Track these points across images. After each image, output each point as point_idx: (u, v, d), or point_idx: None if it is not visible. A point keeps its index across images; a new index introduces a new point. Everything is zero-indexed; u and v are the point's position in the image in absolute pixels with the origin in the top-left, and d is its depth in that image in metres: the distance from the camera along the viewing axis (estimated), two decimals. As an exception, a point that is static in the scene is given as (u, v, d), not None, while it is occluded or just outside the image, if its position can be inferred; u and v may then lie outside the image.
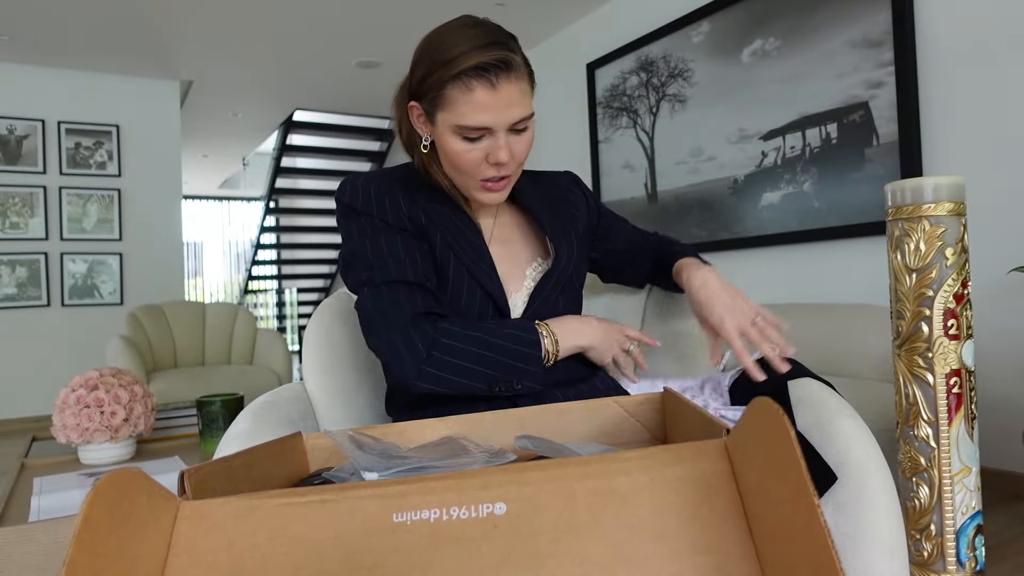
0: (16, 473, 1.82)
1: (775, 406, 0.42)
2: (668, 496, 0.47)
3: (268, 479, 0.69)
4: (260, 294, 8.46)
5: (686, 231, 3.47)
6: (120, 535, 0.45)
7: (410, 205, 0.98)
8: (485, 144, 0.90)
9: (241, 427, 0.95)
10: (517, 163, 0.93)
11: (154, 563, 0.47)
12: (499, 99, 0.86)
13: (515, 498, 0.48)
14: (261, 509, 0.49)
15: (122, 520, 0.45)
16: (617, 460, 0.49)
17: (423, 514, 0.48)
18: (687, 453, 0.49)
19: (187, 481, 0.55)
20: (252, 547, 0.48)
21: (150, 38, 4.25)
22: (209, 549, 0.48)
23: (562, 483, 0.48)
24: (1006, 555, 1.80)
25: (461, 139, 0.90)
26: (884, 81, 2.60)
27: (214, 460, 0.61)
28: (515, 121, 0.88)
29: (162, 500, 0.49)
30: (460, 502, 0.48)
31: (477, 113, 0.86)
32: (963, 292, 0.96)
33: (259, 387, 3.86)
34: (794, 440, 0.40)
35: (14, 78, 4.59)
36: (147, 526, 0.47)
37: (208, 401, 2.02)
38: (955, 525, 0.94)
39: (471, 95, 0.86)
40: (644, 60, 3.72)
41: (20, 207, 4.59)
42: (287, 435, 0.77)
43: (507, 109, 0.87)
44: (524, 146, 0.93)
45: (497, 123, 0.87)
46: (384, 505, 0.48)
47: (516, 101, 0.87)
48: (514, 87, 0.87)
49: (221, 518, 0.49)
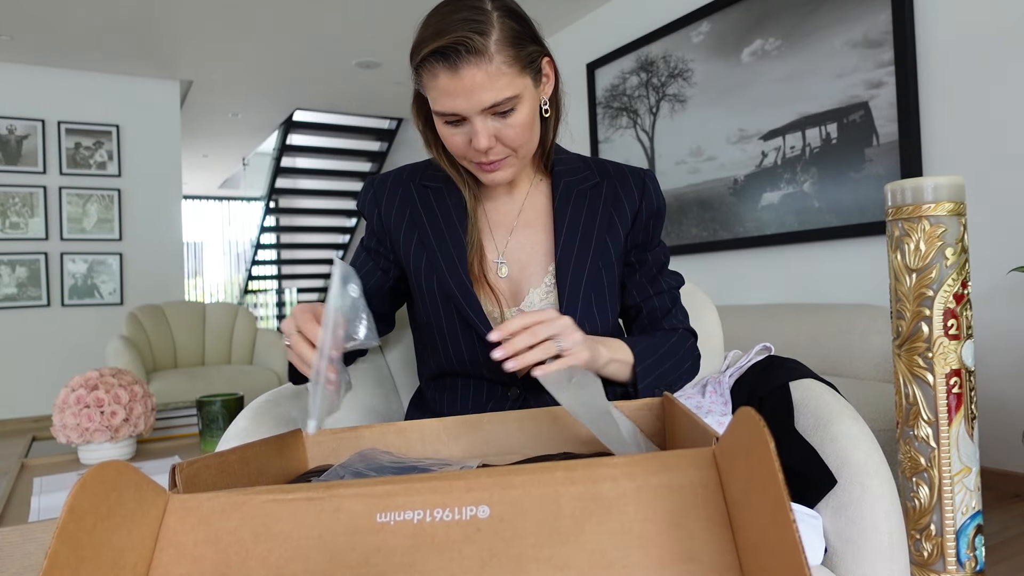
0: (16, 473, 1.82)
1: (756, 416, 0.42)
2: (653, 503, 0.47)
3: (263, 475, 0.69)
4: (260, 294, 8.46)
5: (686, 231, 3.47)
6: (106, 527, 0.45)
7: (395, 195, 0.99)
8: (466, 129, 0.85)
9: (241, 426, 0.95)
10: (509, 146, 0.87)
11: (141, 555, 0.47)
12: (461, 84, 0.81)
13: (499, 501, 0.47)
14: (247, 505, 0.50)
15: (108, 512, 0.45)
16: (603, 466, 0.49)
17: (407, 515, 0.48)
18: (674, 461, 0.49)
19: (178, 475, 0.56)
20: (237, 542, 0.48)
21: (150, 38, 4.25)
22: (195, 543, 0.49)
23: (547, 488, 0.48)
24: (1006, 555, 1.80)
25: (443, 123, 0.86)
26: (884, 81, 2.60)
27: (208, 455, 0.61)
28: (486, 106, 0.82)
29: (150, 493, 0.50)
30: (444, 504, 0.48)
31: (443, 99, 0.83)
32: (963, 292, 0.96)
33: (259, 387, 3.87)
34: (773, 453, 0.39)
35: (14, 78, 4.59)
36: (134, 519, 0.47)
37: (208, 401, 2.02)
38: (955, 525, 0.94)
39: (436, 81, 0.82)
40: (644, 60, 3.72)
41: (20, 207, 4.59)
42: (286, 432, 0.77)
43: (472, 94, 0.81)
44: (515, 130, 0.85)
45: (465, 109, 0.82)
46: (369, 505, 0.48)
47: (483, 85, 0.81)
48: (478, 71, 0.80)
49: (208, 512, 0.50)
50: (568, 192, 0.98)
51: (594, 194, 0.98)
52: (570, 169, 1.00)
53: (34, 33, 4.10)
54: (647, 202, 0.99)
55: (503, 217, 1.00)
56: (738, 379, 0.98)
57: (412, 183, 1.00)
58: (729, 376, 0.99)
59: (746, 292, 3.23)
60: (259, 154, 7.67)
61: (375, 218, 1.00)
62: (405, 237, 0.98)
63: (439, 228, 0.96)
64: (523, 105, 0.85)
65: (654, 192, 1.00)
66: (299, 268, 8.02)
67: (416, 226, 0.97)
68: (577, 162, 1.02)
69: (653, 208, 0.99)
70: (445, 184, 0.99)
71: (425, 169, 1.01)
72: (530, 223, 0.99)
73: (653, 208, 0.99)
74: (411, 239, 0.97)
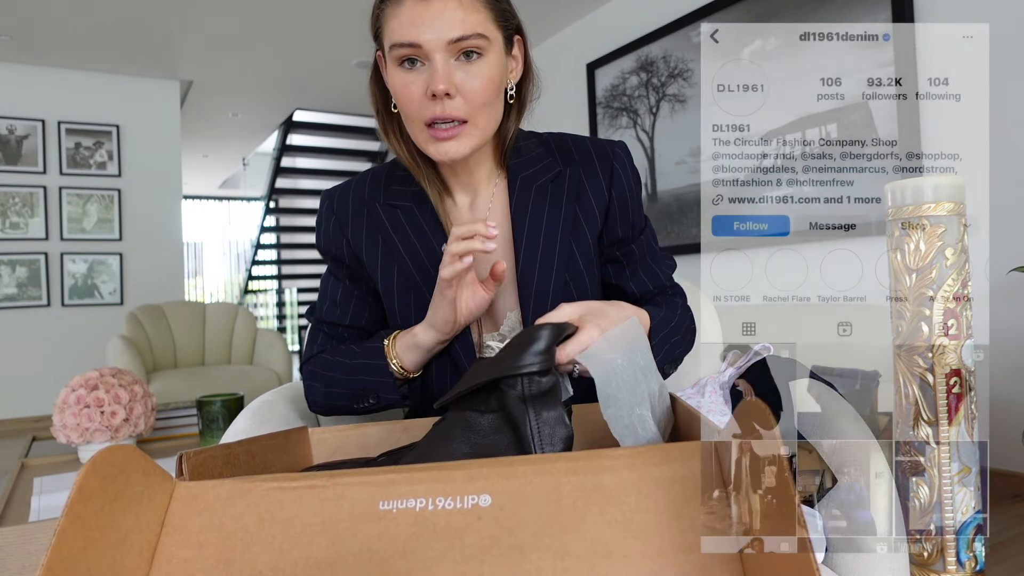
0: (16, 473, 1.82)
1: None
2: (654, 494, 0.47)
3: (267, 468, 0.69)
4: (260, 294, 8.46)
5: (686, 231, 3.47)
6: (113, 508, 0.45)
7: (360, 220, 0.89)
8: (425, 74, 0.77)
9: (241, 426, 0.95)
10: (470, 102, 0.78)
11: (147, 538, 0.48)
12: (429, 9, 0.74)
13: (500, 490, 0.48)
14: (252, 492, 0.50)
15: (116, 494, 0.46)
16: (605, 457, 0.49)
17: (409, 503, 0.48)
18: (676, 453, 0.49)
19: (185, 463, 0.56)
20: (241, 528, 0.49)
21: (150, 38, 4.25)
22: (200, 528, 0.49)
23: (548, 477, 0.48)
24: (1006, 555, 1.80)
25: (398, 66, 0.78)
26: (884, 81, 2.60)
27: (215, 446, 0.61)
28: (453, 38, 0.75)
29: (158, 478, 0.50)
30: (446, 492, 0.48)
31: (405, 29, 0.75)
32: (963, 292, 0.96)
33: (259, 387, 3.87)
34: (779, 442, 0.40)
35: (14, 78, 4.59)
36: (141, 502, 0.48)
37: (208, 401, 2.02)
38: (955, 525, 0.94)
39: (400, 9, 0.75)
40: (644, 60, 3.72)
41: (20, 207, 4.59)
42: (293, 428, 0.77)
43: (439, 21, 0.74)
44: (479, 82, 0.77)
45: (429, 39, 0.74)
46: (372, 492, 0.49)
47: (453, 15, 0.74)
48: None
49: (213, 499, 0.50)
50: (526, 191, 0.88)
51: (555, 188, 0.88)
52: (527, 160, 0.90)
53: (34, 33, 4.10)
54: (617, 191, 0.88)
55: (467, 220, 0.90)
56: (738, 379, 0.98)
57: (376, 202, 0.90)
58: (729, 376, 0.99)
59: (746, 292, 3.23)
60: (259, 154, 7.67)
61: (344, 248, 0.91)
62: (384, 270, 0.89)
63: (420, 259, 0.87)
64: (491, 56, 0.78)
65: (624, 176, 0.88)
66: (299, 268, 8.02)
67: (393, 256, 0.88)
68: (536, 147, 0.91)
69: (624, 195, 0.88)
70: (414, 201, 0.89)
71: (388, 182, 0.91)
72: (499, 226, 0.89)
73: (624, 195, 0.88)
74: (391, 274, 0.89)
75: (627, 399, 0.63)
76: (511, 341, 0.66)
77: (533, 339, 0.63)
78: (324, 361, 0.91)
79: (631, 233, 0.91)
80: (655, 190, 3.67)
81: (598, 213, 0.88)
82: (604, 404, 0.62)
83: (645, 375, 0.67)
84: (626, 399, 0.63)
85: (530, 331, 0.65)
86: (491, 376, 0.61)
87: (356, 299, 0.93)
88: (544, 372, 0.61)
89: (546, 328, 0.65)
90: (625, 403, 0.63)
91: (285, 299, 8.36)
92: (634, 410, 0.63)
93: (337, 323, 0.93)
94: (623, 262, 0.92)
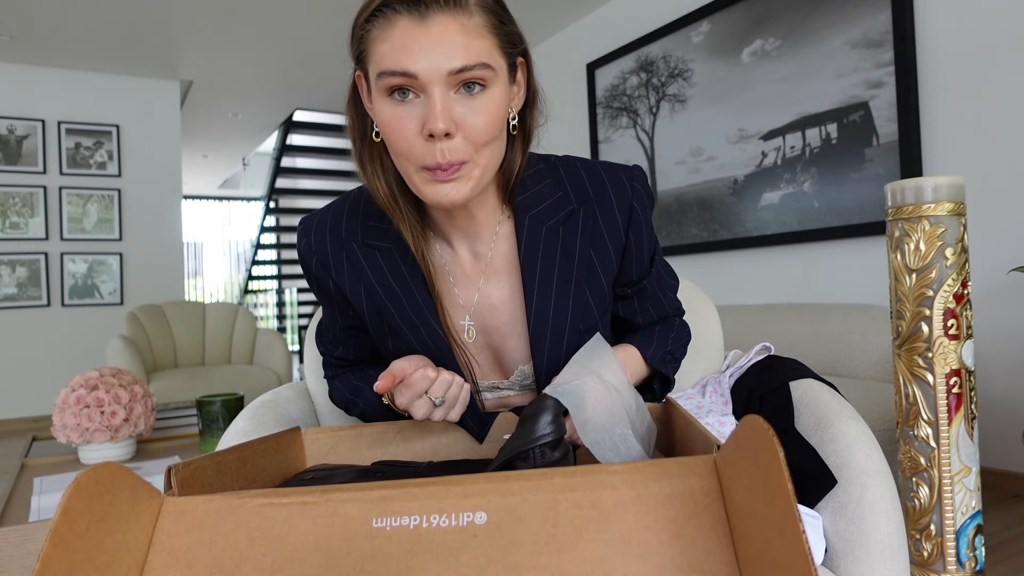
0: (16, 473, 1.81)
1: (765, 426, 0.41)
2: (653, 512, 0.46)
3: (260, 474, 0.69)
4: (260, 294, 8.46)
5: (686, 231, 3.47)
6: (100, 529, 0.44)
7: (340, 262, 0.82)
8: (419, 109, 0.66)
9: (241, 426, 0.95)
10: (471, 141, 0.67)
11: (134, 559, 0.47)
12: (428, 35, 0.63)
13: (497, 508, 0.47)
14: (242, 509, 0.49)
15: (102, 515, 0.45)
16: (603, 473, 0.48)
17: (403, 520, 0.47)
18: (675, 469, 0.48)
19: (173, 477, 0.55)
20: (231, 547, 0.48)
21: (150, 38, 4.24)
22: (189, 546, 0.48)
23: (545, 494, 0.47)
24: (1006, 555, 1.80)
25: (386, 96, 0.67)
26: (884, 81, 2.60)
27: (205, 455, 0.60)
28: (454, 69, 0.64)
29: (145, 495, 0.49)
30: (441, 509, 0.47)
31: (397, 54, 0.64)
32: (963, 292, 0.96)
33: (259, 387, 3.87)
34: (782, 463, 0.38)
35: (14, 78, 4.59)
36: (128, 521, 0.47)
37: (208, 401, 2.02)
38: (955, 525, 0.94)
39: (391, 32, 0.64)
40: (644, 60, 3.72)
41: (20, 207, 4.59)
42: (285, 430, 0.77)
43: (440, 49, 0.63)
44: (481, 118, 0.66)
45: (426, 68, 0.63)
46: (365, 509, 0.48)
47: (455, 40, 0.63)
48: (453, 23, 0.64)
49: (203, 516, 0.49)
50: (535, 233, 0.79)
51: (568, 230, 0.79)
52: (535, 195, 0.80)
53: (34, 33, 4.10)
54: (635, 231, 0.80)
55: (467, 267, 0.82)
56: (738, 379, 0.97)
57: (354, 242, 0.81)
58: (729, 376, 0.99)
59: (746, 292, 3.23)
60: (259, 154, 7.67)
61: (332, 288, 0.84)
62: (370, 315, 0.83)
63: (404, 311, 0.80)
64: (495, 88, 0.67)
65: (643, 215, 0.80)
66: (299, 268, 8.01)
67: (376, 304, 0.82)
68: (544, 177, 0.81)
69: (641, 233, 0.81)
70: (395, 243, 0.80)
71: (365, 217, 0.82)
72: (498, 272, 0.81)
73: (641, 233, 0.81)
74: (379, 322, 0.83)
75: (604, 420, 0.62)
76: (523, 414, 0.66)
77: (541, 410, 0.64)
78: (345, 381, 0.94)
79: (645, 272, 0.86)
80: (655, 190, 3.67)
81: (614, 257, 0.81)
82: (582, 430, 0.61)
83: (619, 391, 0.66)
84: (603, 420, 0.62)
85: (538, 402, 0.65)
86: (507, 456, 0.61)
87: (356, 334, 0.90)
88: (555, 443, 0.62)
89: (551, 399, 0.65)
90: (603, 424, 0.62)
91: (285, 299, 8.35)
92: (614, 430, 0.62)
93: (343, 358, 0.94)
94: (634, 298, 0.88)
